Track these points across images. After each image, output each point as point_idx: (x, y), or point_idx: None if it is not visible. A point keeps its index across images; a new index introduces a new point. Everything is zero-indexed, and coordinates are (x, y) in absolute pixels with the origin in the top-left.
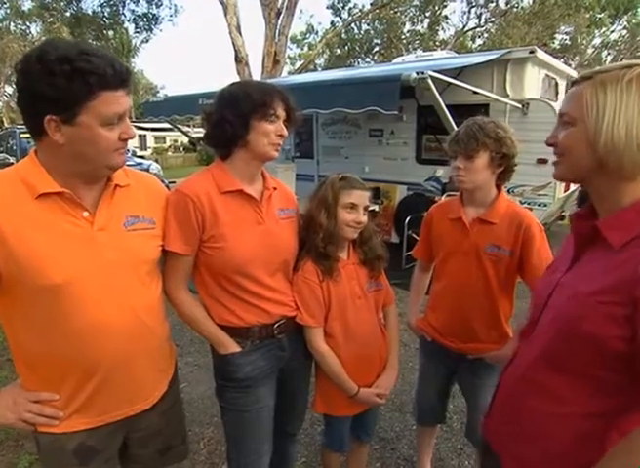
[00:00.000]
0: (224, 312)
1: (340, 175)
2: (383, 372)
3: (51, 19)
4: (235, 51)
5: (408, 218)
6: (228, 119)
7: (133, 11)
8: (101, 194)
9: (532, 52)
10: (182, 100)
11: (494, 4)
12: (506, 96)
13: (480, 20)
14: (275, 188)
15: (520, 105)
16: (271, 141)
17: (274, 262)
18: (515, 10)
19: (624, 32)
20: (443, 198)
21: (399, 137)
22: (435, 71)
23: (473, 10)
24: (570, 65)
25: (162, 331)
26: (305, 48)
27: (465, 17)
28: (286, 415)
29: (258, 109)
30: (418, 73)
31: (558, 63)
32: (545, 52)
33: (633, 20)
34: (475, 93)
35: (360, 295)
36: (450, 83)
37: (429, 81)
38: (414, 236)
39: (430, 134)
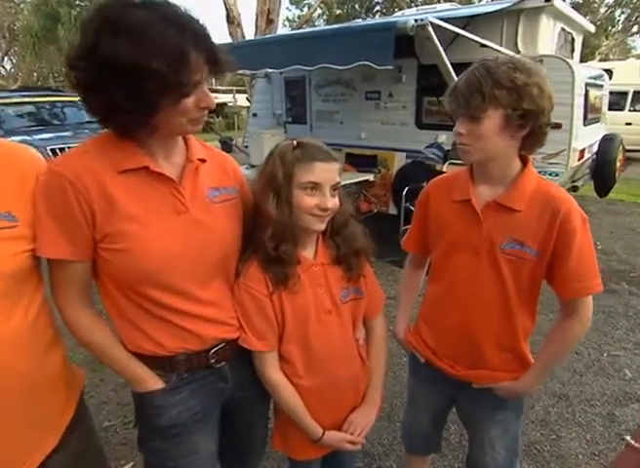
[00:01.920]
0: (138, 336)
1: (295, 142)
2: (360, 407)
3: None
4: (227, 10)
5: (406, 189)
6: (119, 102)
7: None
8: None
9: (548, 0)
10: None
11: None
12: (517, 52)
13: None
14: (204, 160)
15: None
16: (192, 117)
17: (207, 265)
18: None
19: None
20: (445, 167)
21: (398, 100)
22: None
23: None
24: None
25: (39, 369)
26: (305, 9)
27: None
28: (241, 454)
29: (170, 90)
30: (416, 20)
31: (575, 15)
32: None
33: None
34: (483, 46)
35: (330, 309)
36: (456, 34)
37: (430, 29)
38: (411, 208)
39: (432, 96)
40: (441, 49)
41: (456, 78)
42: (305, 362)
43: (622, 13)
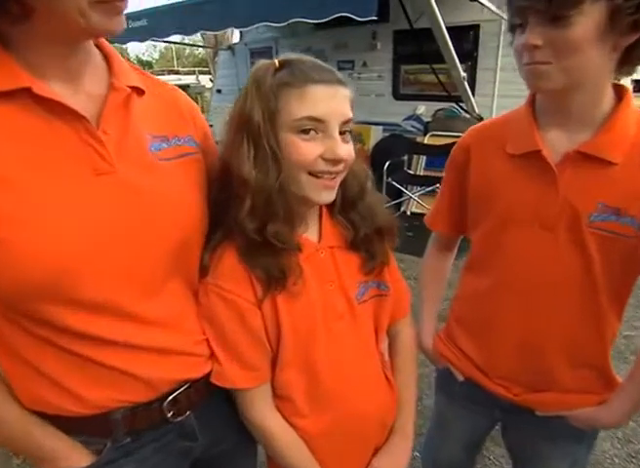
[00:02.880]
0: (42, 386)
1: (278, 60)
2: (386, 446)
3: None
4: None
5: (387, 164)
6: None
7: None
8: None
9: None
10: None
11: None
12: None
13: None
14: (140, 90)
15: None
16: None
17: (153, 260)
18: None
19: None
20: (426, 139)
21: (372, 70)
22: None
23: None
24: None
25: None
26: None
27: None
28: None
29: None
30: None
31: None
32: None
33: None
34: (473, 0)
35: (343, 312)
36: None
37: None
38: (394, 184)
39: (410, 64)
40: None
41: (447, 36)
42: (310, 394)
43: None
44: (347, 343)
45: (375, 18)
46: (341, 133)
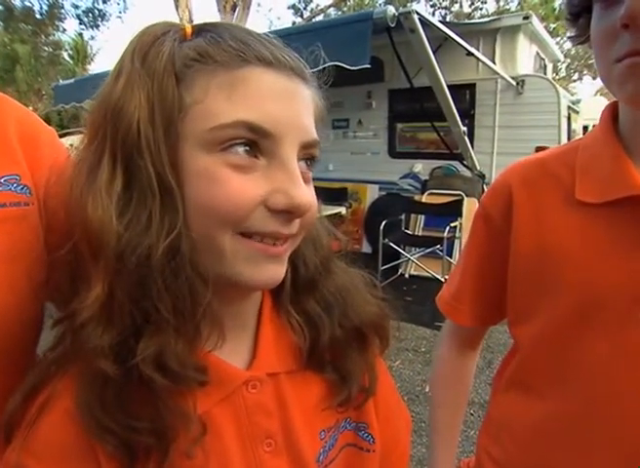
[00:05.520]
0: None
1: (190, 25)
2: None
3: None
4: None
5: (383, 224)
6: None
7: (76, 6)
8: None
9: (526, 18)
10: (95, 80)
11: None
12: (494, 72)
13: None
14: None
15: (514, 82)
16: None
17: None
18: None
19: None
20: (424, 197)
21: (368, 128)
22: None
23: None
24: None
25: None
26: None
27: None
28: None
29: None
30: (398, 9)
31: (548, 39)
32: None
33: None
34: (469, 54)
35: None
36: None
37: (415, 17)
38: (391, 245)
39: (406, 122)
40: (428, 46)
41: (448, 92)
42: None
43: (564, 62)
44: None
45: (368, 66)
46: (305, 158)
